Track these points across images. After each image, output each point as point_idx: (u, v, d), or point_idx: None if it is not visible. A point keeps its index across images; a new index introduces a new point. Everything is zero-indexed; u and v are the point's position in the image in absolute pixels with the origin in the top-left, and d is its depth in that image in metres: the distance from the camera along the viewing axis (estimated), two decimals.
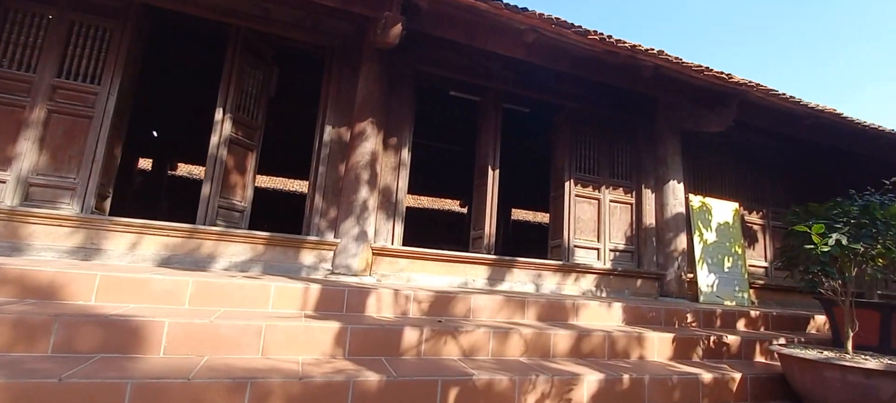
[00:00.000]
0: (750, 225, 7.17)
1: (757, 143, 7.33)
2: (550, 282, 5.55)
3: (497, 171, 5.64)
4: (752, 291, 6.70)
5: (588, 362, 3.38)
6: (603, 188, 6.22)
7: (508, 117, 8.24)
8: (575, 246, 5.92)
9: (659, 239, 6.26)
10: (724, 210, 6.82)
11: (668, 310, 4.55)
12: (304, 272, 4.51)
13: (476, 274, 5.22)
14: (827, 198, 7.64)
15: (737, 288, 6.50)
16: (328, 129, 4.92)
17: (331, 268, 4.57)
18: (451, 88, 6.08)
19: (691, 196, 6.62)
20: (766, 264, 7.15)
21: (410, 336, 3.03)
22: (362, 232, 4.60)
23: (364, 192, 4.65)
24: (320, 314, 3.28)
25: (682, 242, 6.15)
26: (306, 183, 6.22)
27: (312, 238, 4.59)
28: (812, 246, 3.37)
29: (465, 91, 6.15)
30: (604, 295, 5.79)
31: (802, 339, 4.50)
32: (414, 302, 3.61)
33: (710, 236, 6.58)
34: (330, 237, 4.71)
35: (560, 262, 5.60)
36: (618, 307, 4.32)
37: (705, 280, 6.31)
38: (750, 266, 6.87)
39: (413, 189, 14.27)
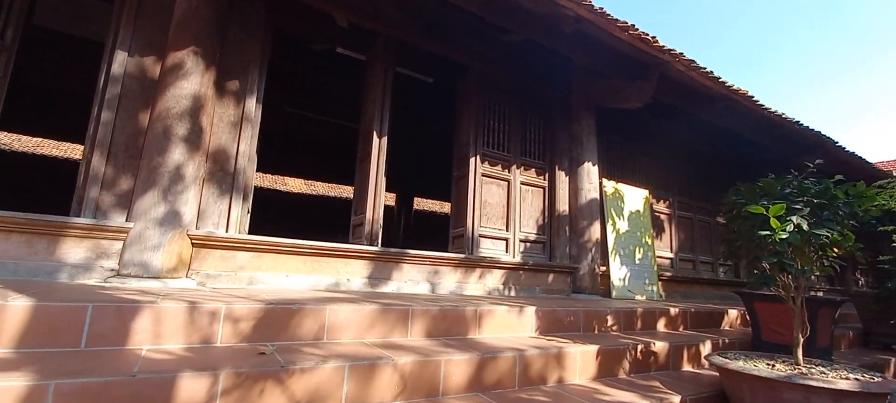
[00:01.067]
0: (657, 214, 6.84)
1: (668, 129, 7.02)
2: (450, 281, 4.47)
3: (385, 139, 4.39)
4: (660, 283, 6.31)
5: (493, 397, 2.31)
6: (514, 167, 5.30)
7: (408, 88, 7.06)
8: (480, 236, 4.91)
9: (573, 227, 5.53)
10: (635, 197, 6.33)
11: (587, 313, 3.70)
12: (66, 274, 2.84)
13: (352, 272, 3.93)
14: (726, 189, 7.64)
15: (647, 282, 6.04)
16: (121, 58, 3.25)
17: (116, 268, 2.96)
18: (329, 36, 4.68)
19: (605, 181, 6.02)
20: (671, 255, 6.88)
21: (191, 390, 1.67)
22: (172, 214, 3.05)
23: (178, 154, 3.09)
24: (21, 354, 1.76)
25: (596, 232, 5.48)
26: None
27: (83, 221, 2.92)
28: (767, 233, 2.65)
29: (349, 43, 4.79)
30: (513, 293, 4.86)
31: (726, 340, 3.95)
32: (227, 321, 2.23)
33: (623, 225, 6.03)
34: (118, 220, 3.08)
35: (461, 256, 4.54)
36: (530, 313, 3.35)
37: (618, 273, 5.73)
38: (657, 257, 6.51)
39: (300, 171, 12.44)
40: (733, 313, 4.97)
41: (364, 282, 3.96)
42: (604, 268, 5.69)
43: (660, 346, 3.40)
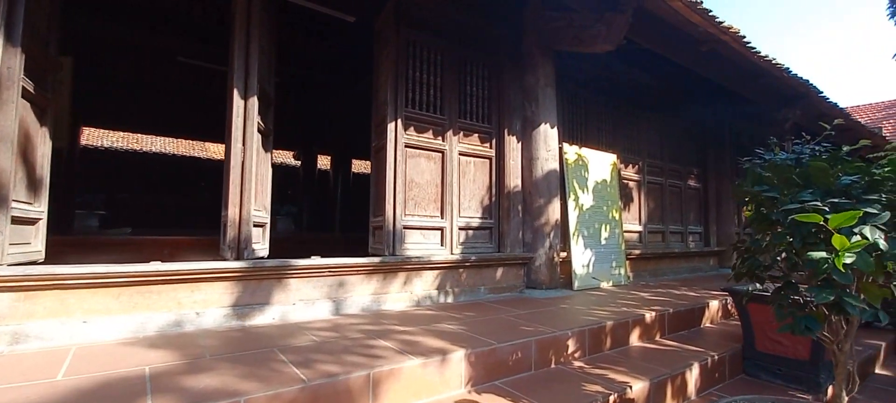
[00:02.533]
0: (625, 181, 5.87)
1: (639, 82, 5.93)
2: (362, 293, 3.31)
3: (253, 100, 3.01)
4: (627, 264, 5.43)
5: None
6: (450, 134, 4.06)
7: (327, 32, 5.57)
8: (406, 228, 3.73)
9: (527, 207, 4.44)
10: (602, 164, 5.29)
11: (540, 343, 2.66)
12: None
13: (204, 301, 2.68)
14: (704, 152, 6.73)
15: (614, 264, 5.11)
16: None
17: None
18: None
19: (566, 146, 4.91)
20: (640, 228, 5.99)
21: None
22: None
23: None
24: None
25: (555, 210, 4.42)
26: None
27: None
28: (823, 256, 1.60)
29: None
30: (450, 299, 3.77)
31: (715, 357, 3.04)
32: None
33: (587, 200, 5.00)
34: None
35: (376, 260, 3.36)
36: (458, 360, 2.27)
37: (581, 258, 4.75)
38: (625, 231, 5.60)
39: (161, 127, 10.46)
40: (714, 305, 4.11)
41: (225, 314, 2.73)
42: (565, 254, 4.69)
43: (638, 390, 2.43)
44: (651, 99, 6.24)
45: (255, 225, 3.12)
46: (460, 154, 4.14)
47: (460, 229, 4.08)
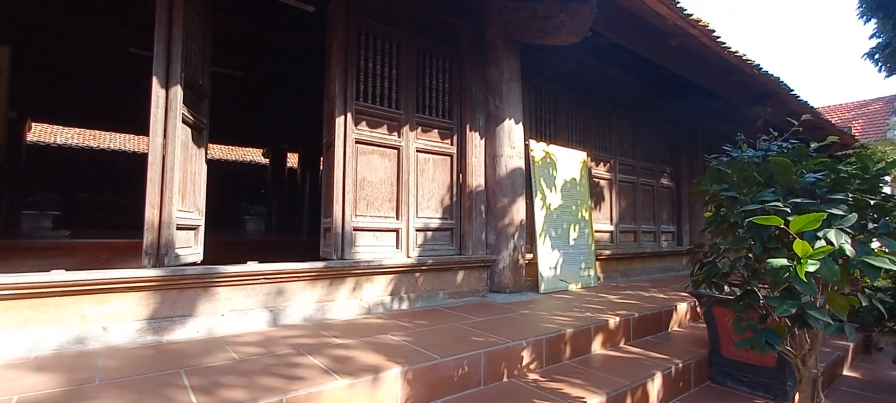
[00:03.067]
0: (596, 180, 5.71)
1: (609, 77, 5.78)
2: (305, 302, 3.04)
3: (177, 89, 2.70)
4: (597, 265, 5.27)
5: None
6: (406, 130, 3.81)
7: (286, 21, 5.27)
8: (357, 229, 3.47)
9: (490, 207, 4.22)
10: (571, 162, 5.11)
11: (491, 355, 2.44)
12: None
13: (115, 314, 2.38)
14: (676, 150, 6.63)
15: (583, 266, 4.94)
16: None
17: None
18: None
19: (532, 143, 4.71)
20: (611, 228, 5.84)
21: None
22: None
23: None
24: None
25: (520, 210, 4.21)
26: None
27: None
28: (783, 263, 1.41)
29: None
30: (405, 305, 3.53)
31: (680, 365, 2.88)
32: None
33: (555, 199, 4.82)
34: None
35: (320, 266, 3.09)
36: (393, 378, 2.03)
37: (548, 259, 4.56)
38: (596, 231, 5.44)
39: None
40: (682, 307, 3.97)
41: (139, 328, 2.43)
42: (531, 256, 4.50)
43: None
44: (623, 96, 6.10)
45: (181, 229, 2.82)
46: (418, 151, 3.89)
47: (418, 230, 3.84)
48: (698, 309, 4.12)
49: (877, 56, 9.72)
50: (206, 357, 2.19)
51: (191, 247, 3.01)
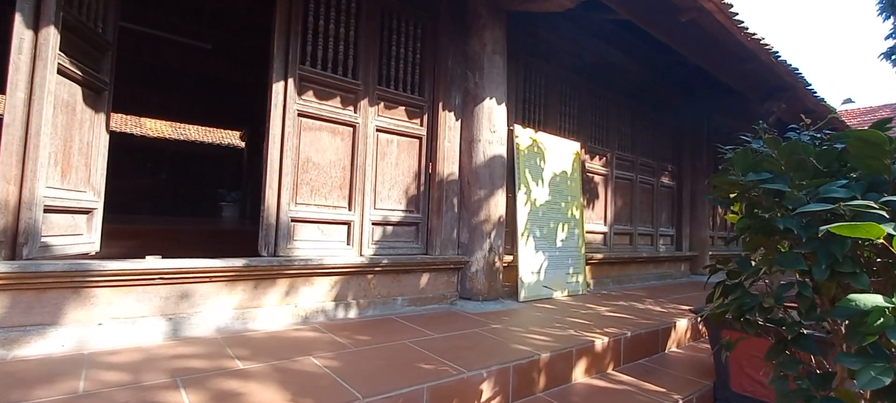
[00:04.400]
0: (590, 174, 5.13)
1: (609, 59, 5.17)
2: (219, 308, 2.44)
3: (50, 31, 2.09)
4: (588, 270, 4.70)
5: None
6: (364, 104, 3.21)
7: None
8: (295, 220, 2.87)
9: (464, 200, 3.63)
10: (562, 153, 4.52)
11: (438, 391, 1.87)
12: None
13: None
14: (679, 147, 6.05)
15: (571, 271, 4.36)
16: None
17: None
18: None
19: (518, 128, 4.11)
20: (605, 229, 5.26)
21: None
22: None
23: None
24: None
25: (499, 204, 3.62)
26: None
27: None
28: (878, 301, 0.83)
29: None
30: (352, 315, 2.94)
31: (680, 400, 2.31)
32: None
33: (541, 194, 4.23)
34: None
35: (243, 263, 2.49)
36: None
37: (530, 263, 3.98)
38: (587, 232, 4.87)
39: (143, 107, 9.41)
40: (681, 325, 3.40)
41: None
42: (510, 258, 3.92)
43: None
44: (624, 83, 5.50)
45: (59, 212, 2.22)
46: (379, 130, 3.29)
47: (375, 224, 3.24)
48: (701, 328, 3.56)
49: (894, 57, 9.15)
50: (41, 387, 1.60)
51: (79, 236, 2.41)
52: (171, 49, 7.41)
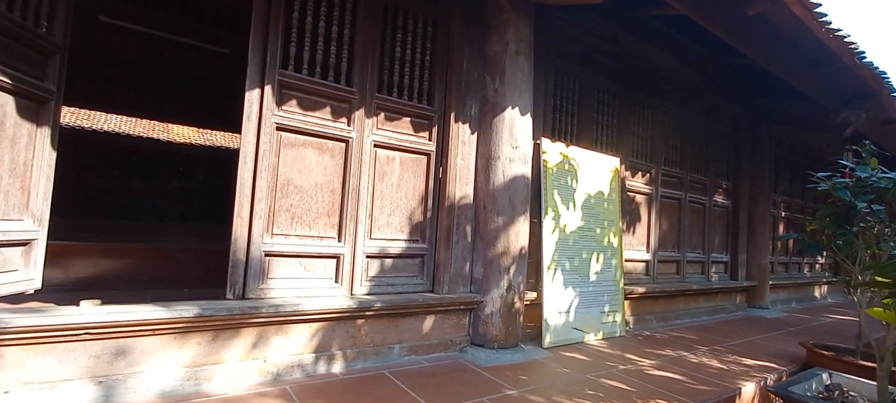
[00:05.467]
0: (631, 193, 4.45)
1: (655, 61, 4.48)
2: (167, 367, 2.00)
3: None
4: (626, 306, 4.02)
5: None
6: (360, 115, 2.71)
7: None
8: (271, 254, 2.40)
9: (479, 228, 3.07)
10: (598, 170, 3.89)
11: None
12: None
13: None
14: (736, 161, 5.29)
15: (606, 308, 3.71)
16: None
17: None
18: None
19: (546, 143, 3.52)
20: (648, 256, 4.56)
21: None
22: None
23: None
24: None
25: (520, 234, 3.04)
26: None
27: None
28: None
29: None
30: (337, 369, 2.44)
31: None
32: None
33: (573, 218, 3.61)
34: None
35: (195, 312, 2.03)
36: None
37: (557, 301, 3.37)
38: (626, 260, 4.20)
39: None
40: (748, 390, 2.72)
41: None
42: (534, 295, 3.33)
43: None
44: (671, 87, 4.78)
45: None
46: (378, 145, 2.79)
47: (370, 257, 2.73)
48: (771, 396, 2.85)
49: None
50: None
51: (11, 273, 2.03)
52: (193, 55, 7.27)
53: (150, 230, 7.03)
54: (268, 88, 2.38)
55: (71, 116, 10.21)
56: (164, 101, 8.95)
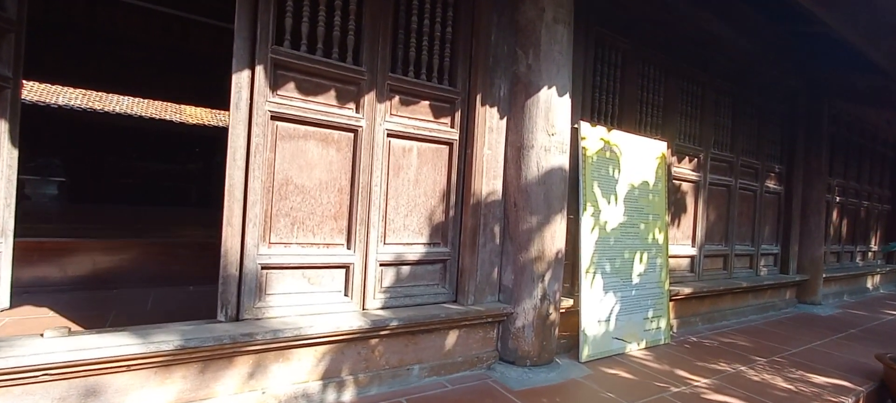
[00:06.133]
0: (677, 181, 3.96)
1: (716, 32, 3.91)
2: None
3: None
4: (671, 305, 3.60)
5: None
6: (371, 99, 2.30)
7: None
8: (270, 266, 2.06)
9: (509, 228, 2.67)
10: (643, 156, 3.41)
11: None
12: None
13: None
14: (791, 141, 4.73)
15: (650, 313, 3.31)
16: None
17: None
18: None
19: (585, 127, 3.06)
20: (693, 251, 4.10)
21: None
22: None
23: None
24: None
25: (557, 234, 2.63)
26: None
27: None
28: None
29: None
30: (347, 398, 2.11)
31: None
32: None
33: (614, 213, 3.17)
34: None
35: (177, 343, 1.71)
36: None
37: (596, 308, 2.97)
38: (671, 256, 3.75)
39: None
40: None
41: None
42: (571, 302, 2.93)
43: None
44: (724, 60, 4.21)
45: None
46: (392, 135, 2.38)
47: (385, 265, 2.37)
48: None
49: None
50: None
51: None
52: (201, 32, 6.91)
53: (165, 217, 6.82)
54: (260, 69, 1.98)
55: (82, 98, 10.05)
56: (173, 82, 8.67)
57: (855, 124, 6.15)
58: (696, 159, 4.07)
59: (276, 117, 2.04)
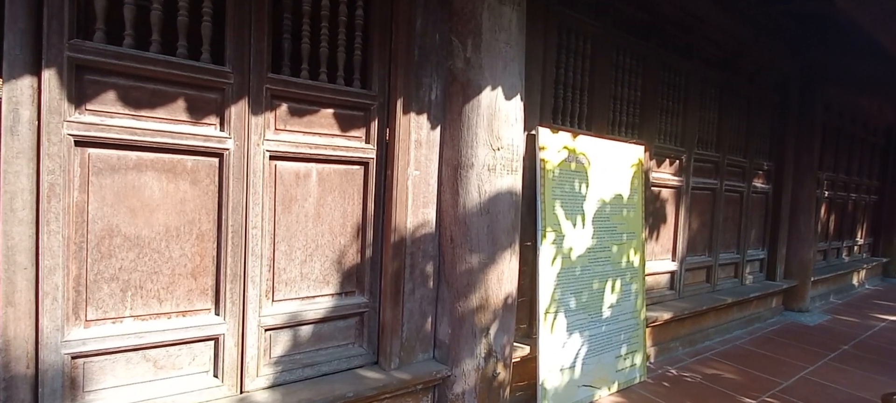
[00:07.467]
0: (656, 188, 3.44)
1: (699, 13, 3.34)
2: None
3: None
4: (647, 336, 3.12)
5: None
6: (243, 110, 1.68)
7: None
8: (85, 355, 1.46)
9: (445, 269, 2.11)
10: (616, 164, 2.87)
11: None
12: None
13: None
14: (781, 135, 4.25)
15: (624, 349, 2.81)
16: None
17: None
18: None
19: (545, 134, 2.48)
20: (674, 266, 3.61)
21: None
22: None
23: None
24: None
25: (506, 275, 2.08)
26: None
27: None
28: None
29: None
30: None
31: None
32: None
33: (581, 237, 2.64)
34: None
35: None
36: None
37: (559, 355, 2.46)
38: (647, 274, 3.26)
39: None
40: None
41: None
42: (527, 350, 2.41)
43: None
44: (709, 44, 3.66)
45: None
46: (277, 157, 1.77)
47: (273, 330, 1.79)
48: None
49: None
50: None
51: None
52: None
53: None
54: (51, 75, 1.35)
55: None
56: None
57: (846, 112, 5.71)
58: (677, 161, 3.55)
59: (84, 143, 1.42)
